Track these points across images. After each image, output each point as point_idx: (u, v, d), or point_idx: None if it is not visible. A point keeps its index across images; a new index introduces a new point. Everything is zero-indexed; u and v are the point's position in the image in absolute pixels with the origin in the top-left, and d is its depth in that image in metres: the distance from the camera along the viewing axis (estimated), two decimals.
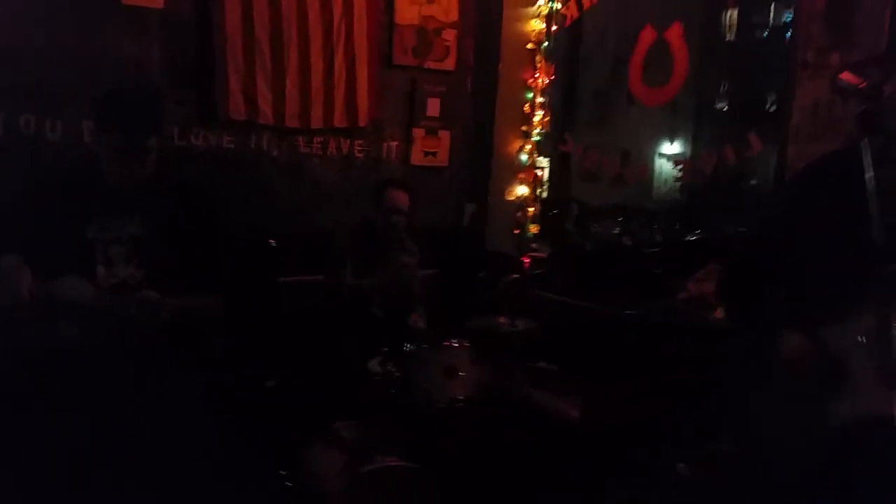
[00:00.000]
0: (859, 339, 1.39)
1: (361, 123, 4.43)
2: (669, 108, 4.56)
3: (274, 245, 3.78)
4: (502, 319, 3.26)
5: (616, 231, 5.85)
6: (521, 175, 4.97)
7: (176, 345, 2.41)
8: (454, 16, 4.62)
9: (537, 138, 4.88)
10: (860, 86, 1.28)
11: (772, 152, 3.45)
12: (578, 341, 3.50)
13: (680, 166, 4.05)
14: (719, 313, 2.59)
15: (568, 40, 4.73)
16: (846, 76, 1.31)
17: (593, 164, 4.97)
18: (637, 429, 3.04)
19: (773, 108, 3.81)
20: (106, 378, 2.25)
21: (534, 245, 4.98)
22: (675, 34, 3.91)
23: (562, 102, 4.98)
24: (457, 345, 3.10)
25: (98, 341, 2.24)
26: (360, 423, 2.89)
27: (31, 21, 3.51)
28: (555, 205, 5.39)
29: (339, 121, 4.35)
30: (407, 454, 2.69)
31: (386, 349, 3.16)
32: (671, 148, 5.65)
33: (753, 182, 4.40)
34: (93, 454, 2.21)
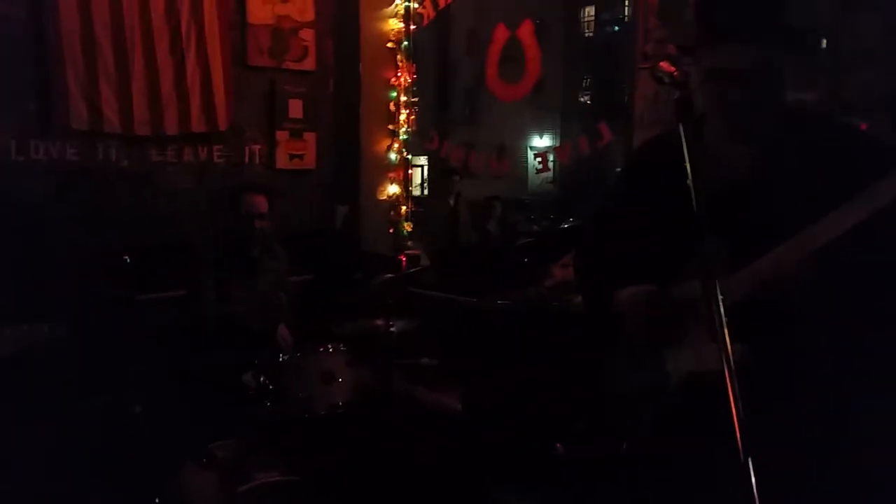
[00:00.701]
0: (685, 302, 1.52)
1: (221, 128, 4.25)
2: (536, 103, 4.70)
3: (128, 261, 3.54)
4: (378, 321, 3.22)
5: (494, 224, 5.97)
6: (392, 174, 4.96)
7: (23, 377, 2.22)
8: (310, 15, 4.53)
9: (405, 136, 4.88)
10: (674, 74, 1.37)
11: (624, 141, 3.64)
12: (454, 335, 3.53)
13: (539, 158, 4.18)
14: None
15: (427, 39, 4.75)
16: (664, 65, 1.40)
17: (458, 160, 5.05)
18: (515, 414, 3.11)
19: (626, 100, 4.00)
20: None
21: (409, 243, 4.99)
22: (526, 32, 4.03)
23: (426, 101, 5.01)
24: (332, 349, 3.04)
25: None
26: (235, 441, 2.78)
27: None
28: (477, 203, 5.40)
29: (196, 126, 4.16)
30: (287, 468, 2.62)
31: (258, 361, 3.04)
32: (541, 141, 5.81)
33: (618, 169, 4.62)
34: None
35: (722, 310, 1.19)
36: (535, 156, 4.35)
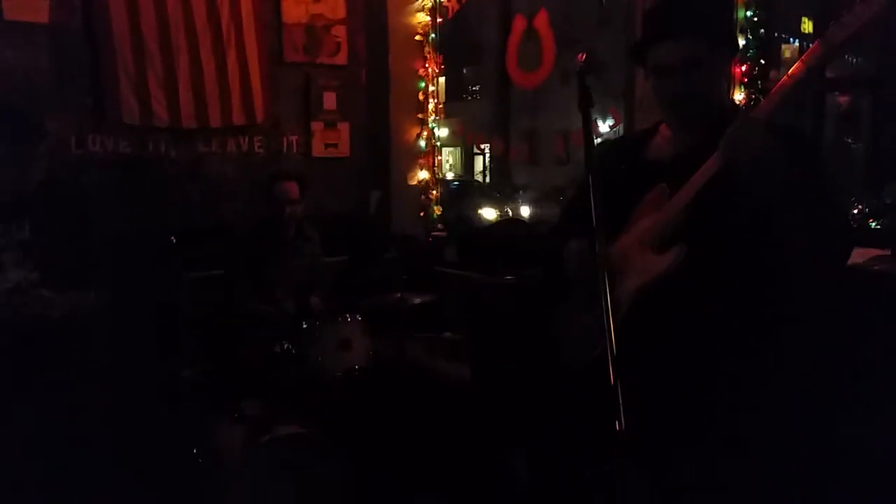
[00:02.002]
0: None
1: (258, 120, 4.60)
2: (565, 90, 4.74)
3: (174, 242, 3.92)
4: (395, 295, 3.51)
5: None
6: (422, 160, 5.22)
7: (75, 340, 2.59)
8: (341, 13, 4.84)
9: (433, 125, 5.13)
10: (580, 62, 1.67)
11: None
12: (468, 309, 3.78)
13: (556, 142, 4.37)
14: None
15: (453, 30, 4.96)
16: (579, 56, 1.66)
17: (498, 151, 5.20)
18: (523, 385, 3.34)
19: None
20: (13, 376, 2.43)
21: (439, 226, 5.25)
22: (541, 21, 4.22)
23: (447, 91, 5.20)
24: (349, 319, 3.34)
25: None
26: (262, 400, 3.12)
27: None
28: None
29: (237, 119, 4.51)
30: (305, 423, 2.94)
31: (286, 329, 3.37)
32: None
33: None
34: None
35: None
36: (555, 139, 4.53)
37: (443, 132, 5.20)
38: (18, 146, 2.51)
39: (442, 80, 5.19)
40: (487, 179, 6.39)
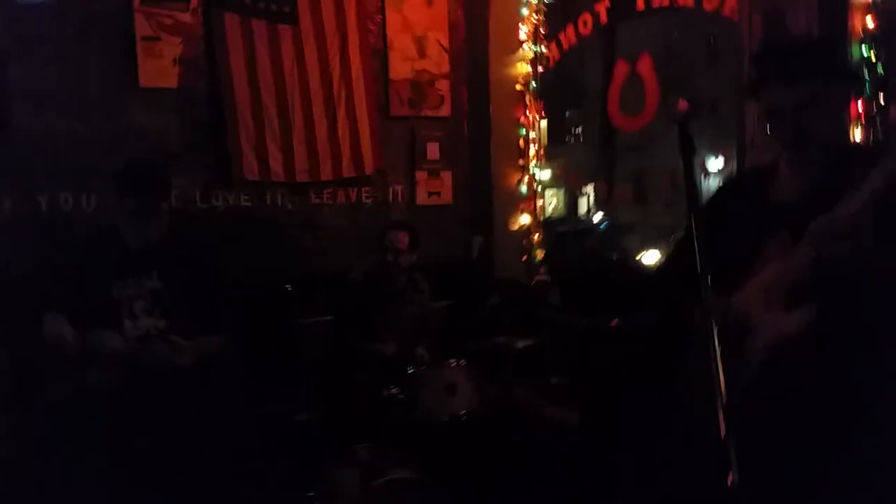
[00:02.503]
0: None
1: (368, 172, 4.80)
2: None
3: (290, 290, 4.12)
4: (500, 340, 3.52)
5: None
6: (523, 205, 5.24)
7: (201, 385, 2.74)
8: (445, 68, 5.03)
9: (535, 170, 5.16)
10: (684, 112, 1.60)
11: None
12: (576, 355, 3.74)
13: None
14: None
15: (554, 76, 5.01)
16: (682, 103, 1.63)
17: (602, 193, 5.17)
18: (632, 432, 3.25)
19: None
20: (141, 417, 2.60)
21: (542, 270, 5.23)
22: (645, 66, 4.20)
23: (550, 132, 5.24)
24: (454, 364, 3.37)
25: (129, 385, 2.59)
26: (374, 444, 3.18)
27: (67, 108, 3.99)
28: None
29: (346, 171, 4.73)
30: (415, 467, 2.97)
31: (393, 375, 3.44)
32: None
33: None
34: (131, 486, 2.54)
35: None
36: (662, 179, 4.46)
37: (545, 175, 5.22)
38: (148, 201, 2.71)
39: (544, 123, 5.21)
40: (592, 221, 6.28)
